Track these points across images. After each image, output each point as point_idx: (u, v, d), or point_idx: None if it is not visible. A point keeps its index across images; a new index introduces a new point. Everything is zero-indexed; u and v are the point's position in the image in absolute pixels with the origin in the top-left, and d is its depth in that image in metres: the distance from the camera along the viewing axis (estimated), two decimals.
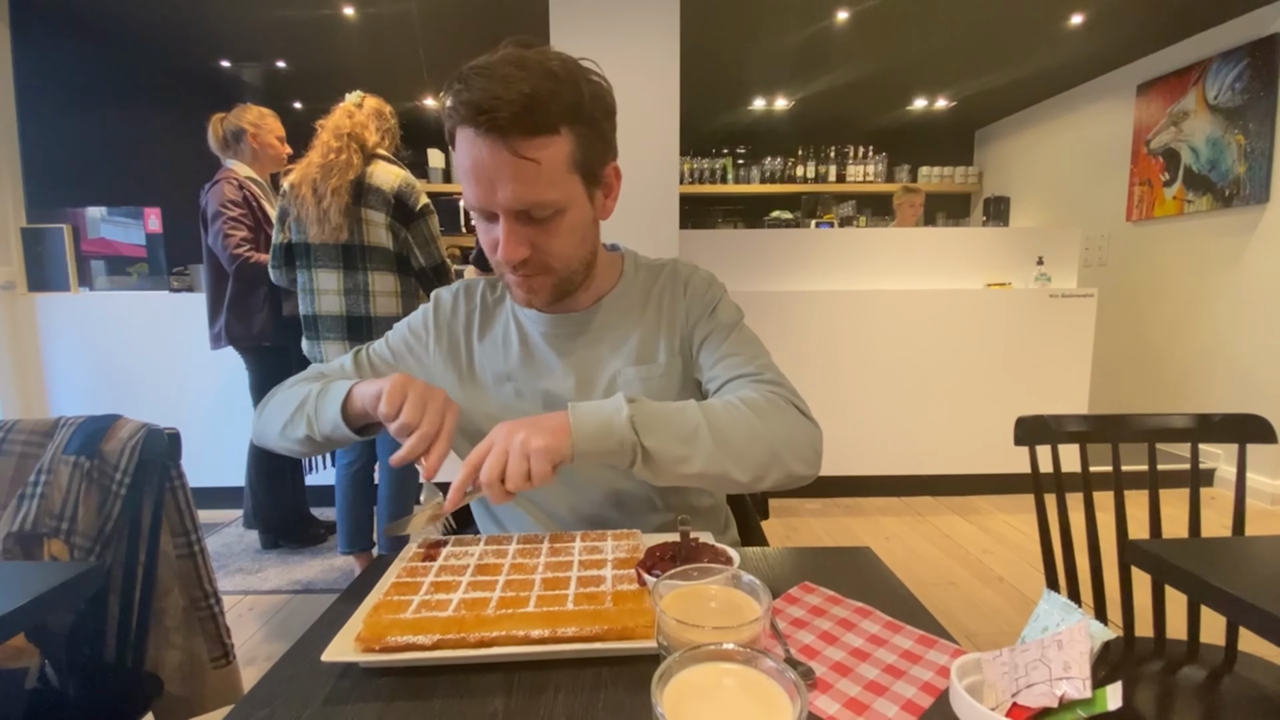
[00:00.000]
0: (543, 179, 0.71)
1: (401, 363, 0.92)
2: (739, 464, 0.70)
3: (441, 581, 0.62)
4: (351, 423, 0.79)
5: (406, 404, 0.71)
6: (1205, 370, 3.34)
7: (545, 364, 0.87)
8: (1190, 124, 3.43)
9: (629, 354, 0.86)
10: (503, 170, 0.69)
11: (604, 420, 0.67)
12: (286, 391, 0.89)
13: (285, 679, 0.53)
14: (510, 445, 0.65)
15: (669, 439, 0.68)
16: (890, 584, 0.70)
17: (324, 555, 2.54)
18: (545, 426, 0.67)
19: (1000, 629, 1.99)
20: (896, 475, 3.11)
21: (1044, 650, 0.42)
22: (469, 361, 0.90)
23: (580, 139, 0.73)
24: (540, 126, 0.69)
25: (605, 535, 0.73)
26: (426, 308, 0.94)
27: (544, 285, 0.79)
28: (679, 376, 0.87)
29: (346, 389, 0.79)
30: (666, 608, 0.46)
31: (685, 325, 0.88)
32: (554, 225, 0.74)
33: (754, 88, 4.30)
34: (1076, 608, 0.44)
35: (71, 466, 1.05)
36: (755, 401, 0.75)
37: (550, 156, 0.70)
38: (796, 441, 0.74)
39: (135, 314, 2.94)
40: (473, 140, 0.69)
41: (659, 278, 0.92)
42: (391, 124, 2.04)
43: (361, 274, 1.96)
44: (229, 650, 1.19)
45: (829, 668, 0.54)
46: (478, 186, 0.71)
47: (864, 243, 3.19)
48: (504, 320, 0.91)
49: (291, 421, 0.83)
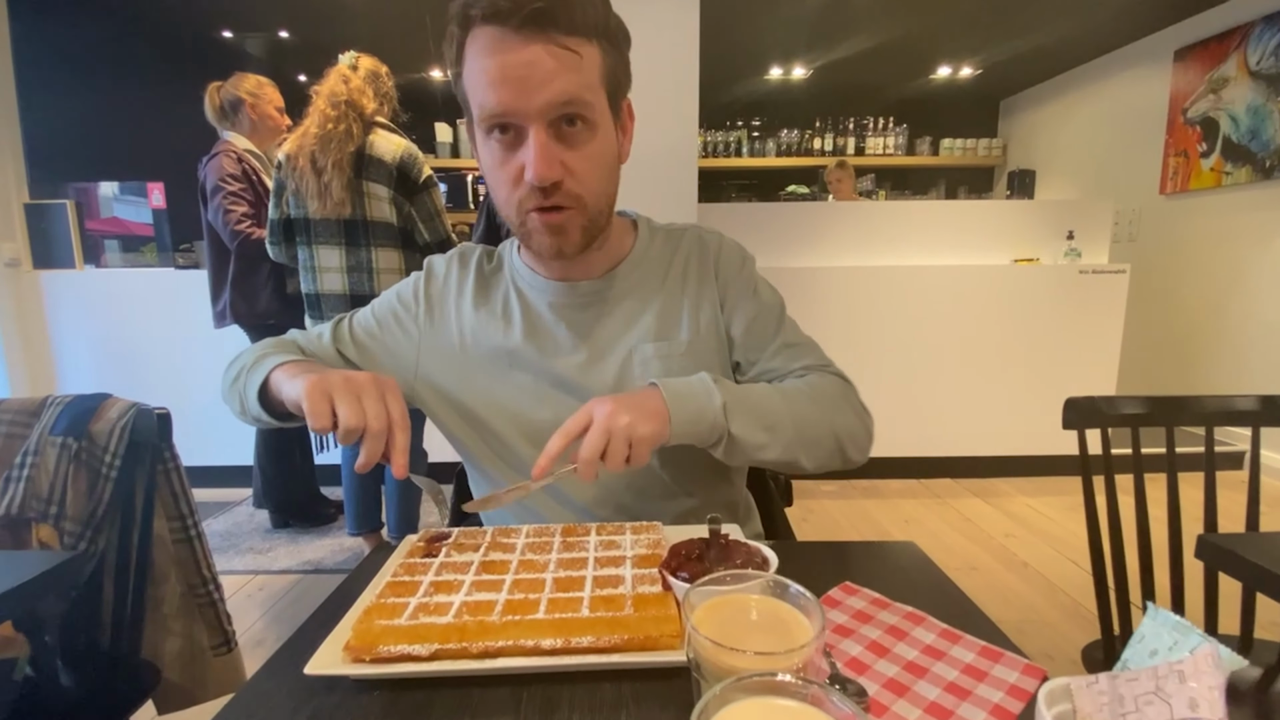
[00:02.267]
0: (584, 76, 0.64)
1: (388, 334, 0.83)
2: (809, 453, 0.72)
3: (442, 581, 0.56)
4: (274, 409, 0.71)
5: (338, 407, 0.60)
6: (1239, 350, 3.21)
7: (552, 337, 0.79)
8: (1230, 91, 3.26)
9: (647, 329, 0.78)
10: (541, 62, 0.61)
11: (699, 408, 0.66)
12: (238, 360, 0.80)
13: (263, 694, 0.47)
14: (614, 427, 0.60)
15: (754, 427, 0.68)
16: (940, 584, 0.63)
17: (334, 535, 2.52)
18: (647, 410, 0.63)
19: (1026, 616, 1.93)
20: (915, 457, 3.03)
21: (1160, 682, 0.35)
22: (462, 334, 0.81)
23: (606, 55, 0.67)
24: (578, 25, 0.63)
25: (623, 528, 0.66)
26: (419, 276, 0.86)
27: (574, 224, 0.69)
28: (706, 356, 0.79)
29: (266, 372, 0.70)
30: (700, 623, 0.39)
31: (718, 304, 0.81)
32: (586, 146, 0.67)
33: (771, 56, 4.15)
34: (1194, 628, 0.37)
35: (59, 448, 0.99)
36: (827, 392, 0.76)
37: (589, 56, 0.64)
38: (857, 433, 0.76)
39: (141, 291, 2.90)
40: (500, 38, 0.61)
41: (680, 246, 0.84)
42: (389, 87, 1.94)
43: (364, 250, 1.89)
44: (230, 637, 1.14)
45: (882, 685, 0.47)
46: (505, 89, 0.62)
47: (885, 216, 3.08)
48: (503, 290, 0.82)
49: (229, 395, 0.77)
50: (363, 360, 0.82)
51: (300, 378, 0.64)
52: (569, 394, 0.77)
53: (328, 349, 0.82)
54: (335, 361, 0.82)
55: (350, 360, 0.82)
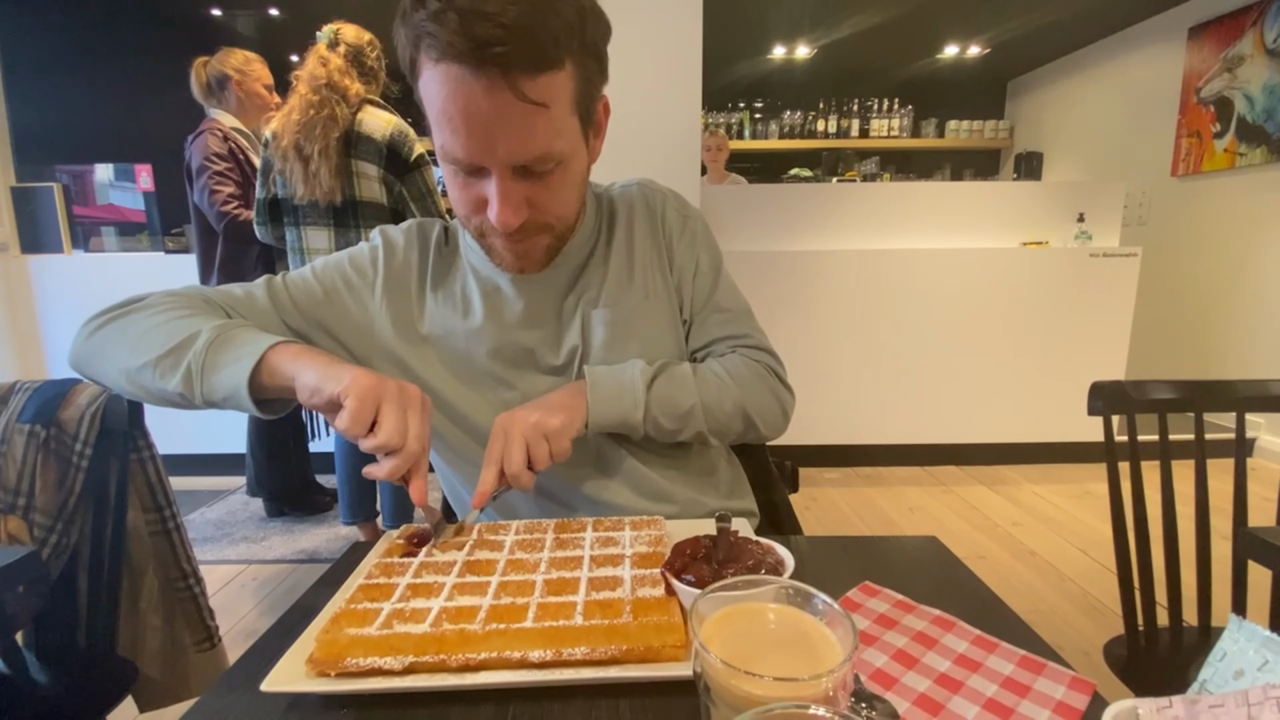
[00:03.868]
0: (551, 126, 0.58)
1: (335, 301, 0.75)
2: (718, 432, 0.75)
3: (420, 584, 0.51)
4: (260, 393, 0.60)
5: (384, 418, 0.55)
6: (1252, 335, 3.15)
7: (513, 313, 0.74)
8: (1246, 70, 3.17)
9: (598, 296, 0.75)
10: (505, 118, 0.55)
11: (624, 411, 0.69)
12: (150, 314, 0.66)
13: (215, 714, 0.41)
14: (525, 431, 0.63)
15: (667, 418, 0.71)
16: (969, 584, 0.58)
17: (330, 523, 2.47)
18: (553, 405, 0.66)
19: (1034, 606, 1.89)
20: (920, 444, 2.98)
21: (1253, 710, 0.29)
22: (423, 317, 0.76)
23: (580, 71, 0.59)
24: (546, 59, 0.55)
25: (622, 523, 0.61)
26: (375, 245, 0.79)
27: (538, 247, 0.67)
28: (658, 318, 0.77)
29: (261, 351, 0.59)
30: (709, 639, 0.34)
31: (669, 267, 0.79)
32: (555, 179, 0.62)
33: (774, 35, 4.04)
34: None
35: (27, 436, 0.94)
36: (742, 374, 0.76)
37: (558, 97, 0.57)
38: (771, 409, 0.78)
39: (131, 276, 2.83)
40: (460, 79, 0.54)
41: (621, 208, 0.80)
42: (374, 60, 1.85)
43: (354, 231, 1.82)
44: (213, 633, 1.10)
45: (912, 703, 0.42)
46: (469, 139, 0.56)
47: (891, 199, 3.00)
48: (461, 271, 0.77)
49: (157, 366, 0.61)
50: (311, 331, 0.74)
51: (338, 368, 0.57)
52: (534, 370, 0.75)
53: (266, 313, 0.72)
54: (278, 329, 0.72)
55: (295, 330, 0.73)
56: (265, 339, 0.61)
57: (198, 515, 2.57)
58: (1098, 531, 2.31)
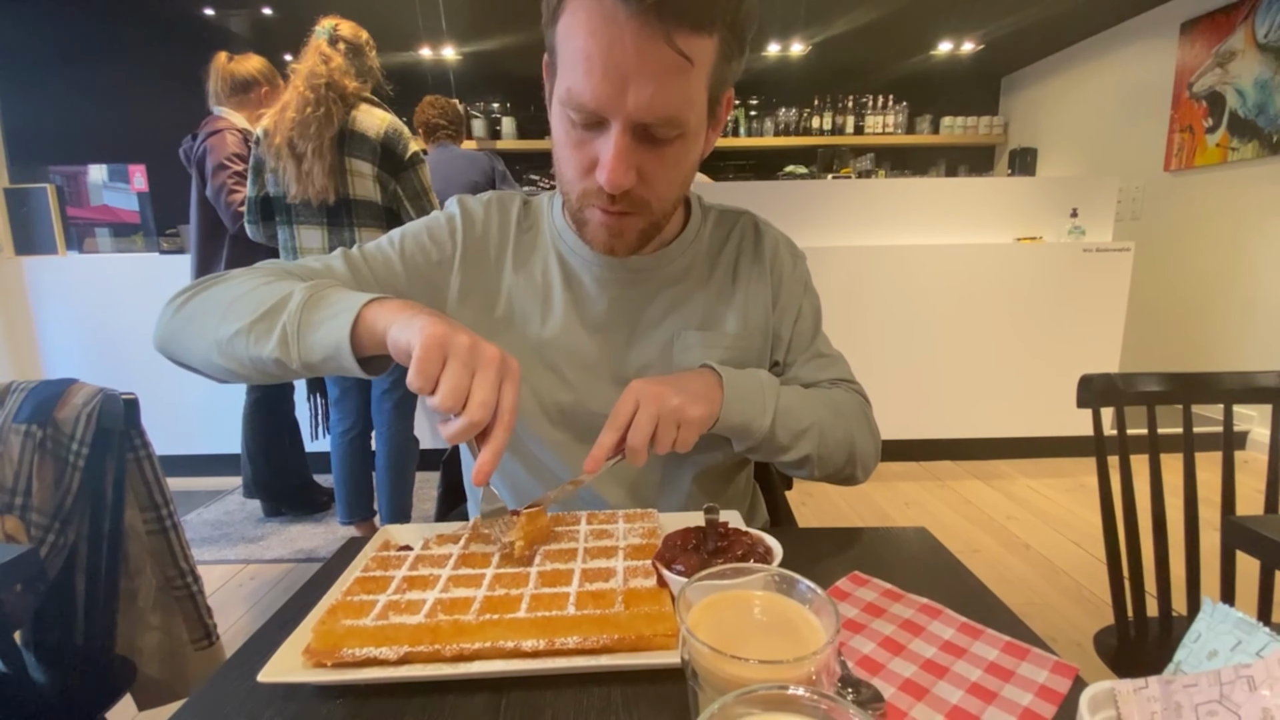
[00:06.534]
0: (687, 89, 0.56)
1: (413, 275, 0.71)
2: (823, 464, 0.71)
3: (416, 576, 0.51)
4: (361, 350, 0.56)
5: (446, 374, 0.49)
6: (1245, 329, 3.17)
7: (593, 312, 0.72)
8: (1237, 65, 3.19)
9: (693, 316, 0.73)
10: (646, 65, 0.52)
11: (753, 406, 0.65)
12: (237, 284, 0.64)
13: (212, 704, 0.42)
14: (663, 410, 0.59)
15: (785, 432, 0.67)
16: (956, 572, 0.58)
17: (328, 523, 2.48)
18: (696, 393, 0.62)
19: (1029, 599, 1.90)
20: (915, 439, 3.00)
21: (1225, 688, 0.30)
22: (500, 295, 0.72)
23: (724, 48, 0.57)
24: (703, 16, 0.53)
25: (615, 516, 0.62)
26: (453, 215, 0.74)
27: (633, 228, 0.63)
28: (750, 352, 0.75)
29: (358, 307, 0.55)
30: (696, 625, 0.35)
31: (770, 301, 0.76)
32: (671, 152, 0.59)
33: (768, 30, 4.04)
34: (1260, 625, 0.32)
35: (23, 436, 0.94)
36: (853, 409, 0.75)
37: (701, 60, 0.55)
38: (868, 453, 0.76)
39: (126, 276, 2.83)
40: (611, 17, 0.51)
41: (732, 234, 0.78)
42: (372, 59, 1.85)
43: (347, 230, 1.82)
44: (211, 631, 1.10)
45: (898, 688, 0.43)
46: (602, 82, 0.53)
47: (886, 195, 3.01)
48: (542, 255, 0.74)
49: (250, 332, 0.58)
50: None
51: (420, 318, 0.52)
52: (598, 375, 0.72)
53: (346, 284, 0.68)
54: None
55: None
56: (361, 295, 0.58)
57: (194, 516, 2.57)
58: (1091, 524, 2.33)
